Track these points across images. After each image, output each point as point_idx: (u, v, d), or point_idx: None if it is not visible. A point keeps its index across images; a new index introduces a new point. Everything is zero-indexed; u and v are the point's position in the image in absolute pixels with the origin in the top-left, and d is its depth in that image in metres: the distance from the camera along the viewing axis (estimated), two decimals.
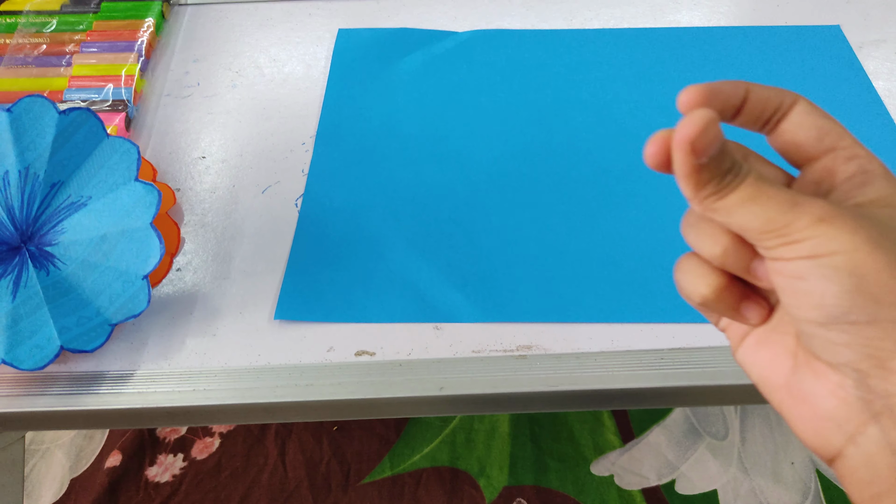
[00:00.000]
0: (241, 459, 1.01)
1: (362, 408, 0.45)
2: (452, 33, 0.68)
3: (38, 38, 0.66)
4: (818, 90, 0.61)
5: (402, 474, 0.99)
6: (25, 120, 0.45)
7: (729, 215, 0.25)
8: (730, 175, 0.25)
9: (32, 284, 0.44)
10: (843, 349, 0.24)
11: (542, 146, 0.58)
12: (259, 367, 0.46)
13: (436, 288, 0.49)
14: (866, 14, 0.68)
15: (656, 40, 0.66)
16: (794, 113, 0.27)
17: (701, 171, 0.25)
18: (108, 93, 0.60)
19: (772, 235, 0.24)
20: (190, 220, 0.54)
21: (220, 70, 0.66)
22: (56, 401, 0.44)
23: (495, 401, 0.45)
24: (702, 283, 0.28)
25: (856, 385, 0.24)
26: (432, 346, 0.46)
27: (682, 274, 0.28)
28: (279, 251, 0.52)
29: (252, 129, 0.61)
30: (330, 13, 0.72)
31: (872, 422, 0.24)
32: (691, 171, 0.25)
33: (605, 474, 0.99)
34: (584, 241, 0.51)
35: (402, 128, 0.59)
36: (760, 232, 0.25)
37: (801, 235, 0.24)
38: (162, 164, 0.58)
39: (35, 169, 0.45)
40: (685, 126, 0.24)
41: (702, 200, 0.25)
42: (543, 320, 0.47)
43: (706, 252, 0.27)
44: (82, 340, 0.44)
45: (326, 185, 0.55)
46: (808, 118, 0.27)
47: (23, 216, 0.45)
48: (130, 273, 0.45)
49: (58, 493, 0.98)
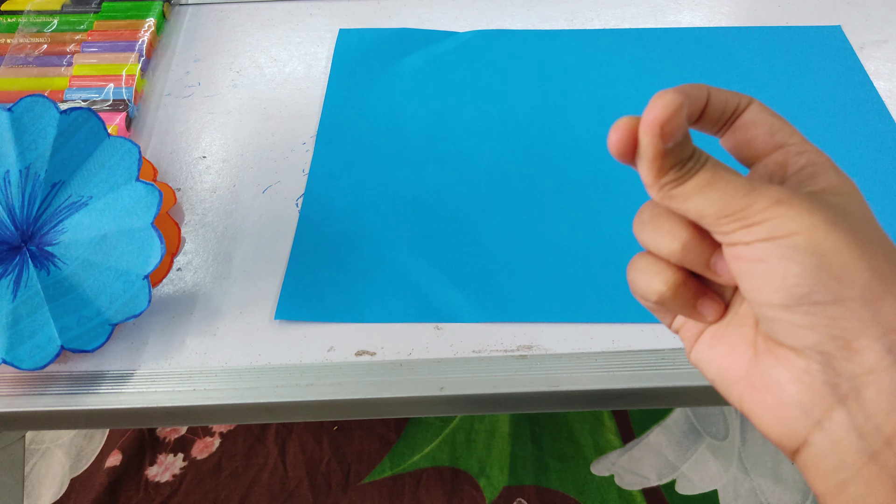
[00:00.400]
0: (241, 459, 1.01)
1: (363, 408, 0.45)
2: (453, 33, 0.67)
3: (38, 37, 0.66)
4: (819, 90, 0.61)
5: (402, 474, 0.99)
6: (26, 119, 0.45)
7: (686, 201, 0.26)
8: (690, 162, 0.25)
9: (33, 284, 0.44)
10: (808, 332, 0.24)
11: (543, 146, 0.58)
12: (259, 366, 0.46)
13: (437, 288, 0.49)
14: (868, 14, 0.68)
15: (656, 41, 0.66)
16: (747, 112, 0.28)
17: (665, 156, 0.25)
18: (109, 92, 0.60)
19: (730, 220, 0.25)
20: (190, 220, 0.54)
21: (220, 70, 0.66)
22: (56, 400, 0.44)
23: (496, 401, 0.45)
24: (658, 281, 0.28)
25: (821, 369, 0.24)
26: (433, 345, 0.46)
27: (637, 273, 0.28)
28: (280, 251, 0.52)
29: (253, 128, 0.61)
30: (331, 13, 0.72)
31: (839, 405, 0.24)
32: (656, 156, 0.25)
33: (606, 474, 0.99)
34: (585, 241, 0.51)
35: (403, 128, 0.59)
36: (718, 217, 0.25)
37: (760, 217, 0.24)
38: (162, 163, 0.58)
39: (36, 168, 0.45)
40: (655, 109, 0.24)
41: (661, 187, 0.26)
42: (545, 320, 0.47)
43: (664, 249, 0.27)
44: (83, 340, 0.44)
45: (327, 185, 0.55)
46: (760, 115, 0.28)
47: (23, 216, 0.44)
48: (131, 273, 0.45)
49: (58, 493, 0.98)
